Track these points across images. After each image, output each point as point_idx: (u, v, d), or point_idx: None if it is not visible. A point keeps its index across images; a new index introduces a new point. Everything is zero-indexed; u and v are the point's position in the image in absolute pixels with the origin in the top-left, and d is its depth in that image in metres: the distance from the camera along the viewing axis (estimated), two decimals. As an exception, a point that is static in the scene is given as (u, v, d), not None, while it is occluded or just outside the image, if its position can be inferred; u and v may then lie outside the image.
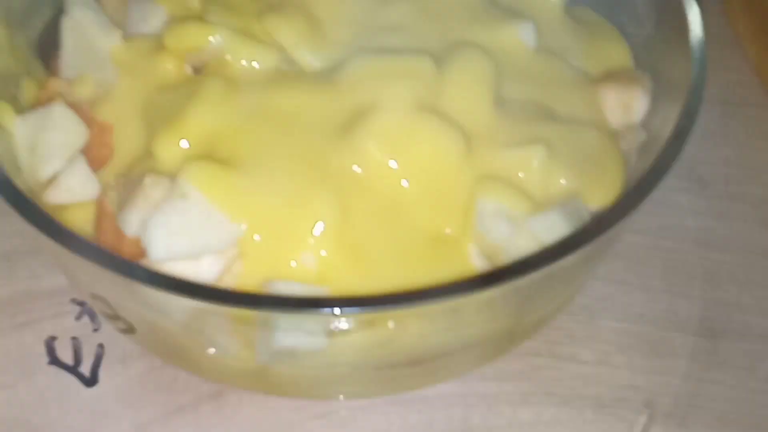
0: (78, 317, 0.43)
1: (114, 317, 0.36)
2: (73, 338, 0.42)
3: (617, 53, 0.43)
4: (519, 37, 0.40)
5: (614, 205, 0.32)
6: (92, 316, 0.43)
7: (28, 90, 0.39)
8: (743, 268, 0.46)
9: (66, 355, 0.42)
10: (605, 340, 0.43)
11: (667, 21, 0.40)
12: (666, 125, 0.35)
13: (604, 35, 0.43)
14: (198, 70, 0.38)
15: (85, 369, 0.41)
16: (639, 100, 0.39)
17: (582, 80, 0.40)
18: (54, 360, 0.42)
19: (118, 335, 0.40)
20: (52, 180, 0.36)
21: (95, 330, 0.43)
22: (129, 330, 0.36)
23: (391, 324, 0.31)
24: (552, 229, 0.33)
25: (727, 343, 0.43)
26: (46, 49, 0.42)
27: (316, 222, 0.33)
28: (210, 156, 0.34)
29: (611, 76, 0.41)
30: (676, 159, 0.33)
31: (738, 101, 0.54)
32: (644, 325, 0.44)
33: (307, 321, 0.29)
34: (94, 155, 0.37)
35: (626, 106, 0.39)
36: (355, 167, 0.34)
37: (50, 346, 0.42)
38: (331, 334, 0.31)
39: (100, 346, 0.42)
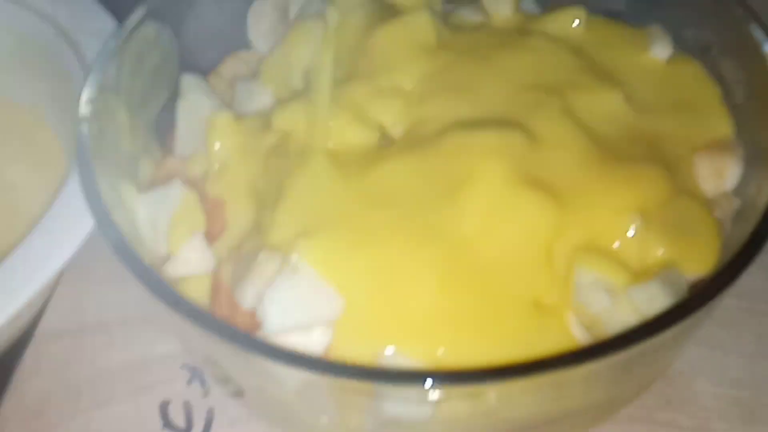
0: (189, 381, 0.45)
1: (225, 380, 0.38)
2: (185, 402, 0.44)
3: (716, 122, 0.43)
4: (610, 103, 0.41)
5: (715, 276, 0.33)
6: (202, 381, 0.45)
7: (145, 168, 0.42)
8: None
9: (179, 419, 0.44)
10: (703, 406, 0.43)
11: (756, 85, 0.40)
12: (761, 192, 0.36)
13: (705, 99, 0.44)
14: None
15: (197, 432, 0.43)
16: (731, 167, 0.40)
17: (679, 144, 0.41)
18: (167, 424, 0.44)
19: (226, 400, 0.42)
20: (171, 255, 0.38)
21: (205, 395, 0.45)
22: (238, 393, 0.38)
23: (494, 396, 0.32)
24: (652, 300, 0.34)
25: (829, 411, 0.43)
26: (163, 129, 0.45)
27: (419, 292, 0.35)
28: (320, 228, 0.36)
29: (704, 143, 0.41)
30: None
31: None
32: (742, 389, 0.44)
33: (413, 394, 0.30)
34: (209, 230, 0.40)
35: (719, 173, 0.40)
36: (455, 237, 0.36)
37: (164, 410, 0.44)
38: (436, 404, 0.32)
39: (210, 410, 0.44)
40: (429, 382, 0.29)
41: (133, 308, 0.47)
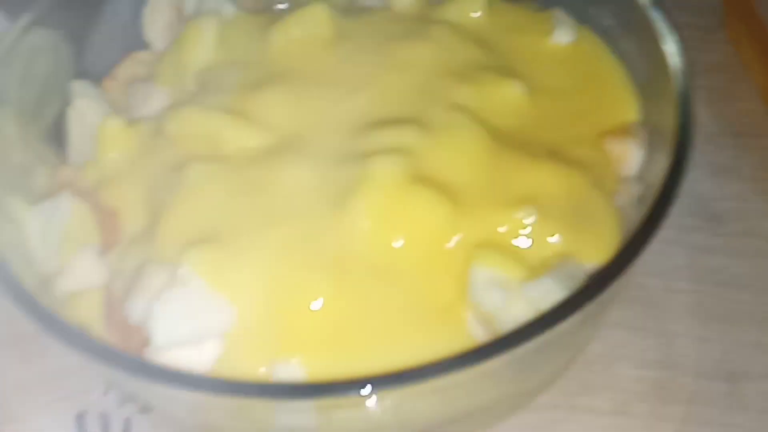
0: (105, 392, 0.44)
1: (131, 398, 0.37)
2: (102, 413, 0.44)
3: (621, 106, 0.42)
4: (510, 94, 0.40)
5: (606, 266, 0.32)
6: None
7: (40, 179, 0.41)
8: (762, 306, 0.45)
9: (95, 430, 0.43)
10: (623, 389, 0.43)
11: (654, 68, 0.40)
12: (659, 178, 0.35)
13: (610, 83, 0.43)
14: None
15: (113, 443, 0.43)
16: (633, 152, 0.39)
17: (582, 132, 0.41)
18: (84, 436, 0.43)
19: (141, 410, 0.41)
20: (62, 269, 0.37)
21: (121, 405, 0.44)
22: (145, 409, 0.37)
23: (392, 400, 0.31)
24: (547, 294, 0.33)
25: (748, 386, 0.43)
26: (59, 138, 0.43)
27: (313, 299, 0.34)
28: (209, 238, 0.35)
29: (608, 129, 0.41)
30: (666, 213, 0.33)
31: (749, 132, 0.53)
32: (662, 370, 0.43)
33: (304, 406, 0.30)
34: (104, 241, 0.39)
35: (619, 159, 0.39)
36: (348, 242, 0.35)
37: (81, 421, 0.44)
38: (330, 411, 0.31)
39: (127, 420, 0.43)
40: (322, 394, 0.29)
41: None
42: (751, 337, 0.44)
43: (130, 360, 0.29)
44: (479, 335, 0.34)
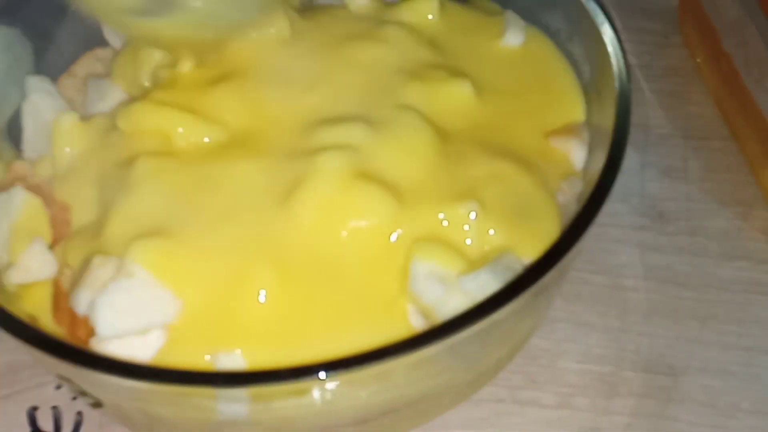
0: (58, 387, 0.45)
1: (82, 393, 0.37)
2: (54, 407, 0.44)
3: (567, 106, 0.43)
4: (458, 94, 0.41)
5: (537, 260, 0.33)
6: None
7: None
8: (704, 303, 0.47)
9: (47, 425, 0.43)
10: (567, 383, 0.44)
11: (598, 69, 0.41)
12: (597, 173, 0.36)
13: (558, 84, 0.44)
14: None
15: (65, 437, 0.43)
16: (575, 151, 0.40)
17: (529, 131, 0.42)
18: (36, 430, 0.43)
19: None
20: (11, 262, 0.38)
21: (74, 398, 0.44)
22: (97, 404, 0.38)
23: (327, 390, 0.32)
24: (484, 287, 0.34)
25: (687, 379, 0.44)
26: (16, 133, 0.44)
27: (256, 292, 0.35)
28: (157, 231, 0.36)
29: (553, 129, 0.42)
30: (598, 211, 0.34)
31: (700, 135, 0.54)
32: (606, 365, 0.45)
33: (242, 394, 0.30)
34: (56, 236, 0.39)
35: (564, 158, 0.40)
36: (293, 236, 0.36)
37: (32, 416, 0.44)
38: (268, 401, 0.32)
39: (79, 413, 0.44)
40: (262, 382, 0.30)
41: None
42: (693, 333, 0.45)
43: (69, 349, 0.30)
44: (420, 327, 0.35)
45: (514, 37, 0.45)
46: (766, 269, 0.47)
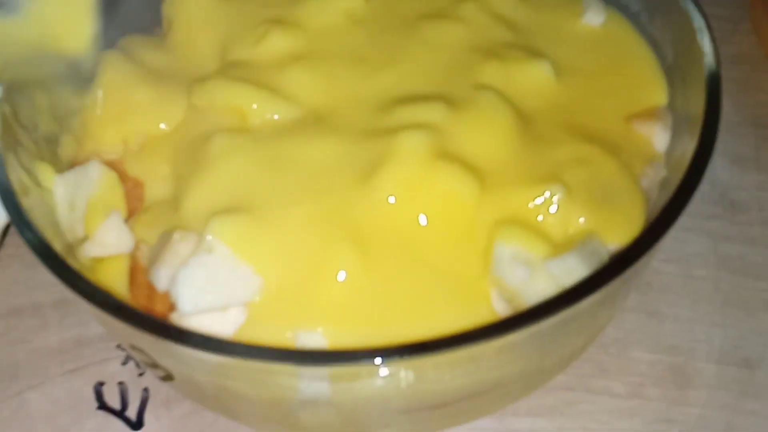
0: (124, 362, 0.45)
1: (153, 365, 0.37)
2: (120, 383, 0.44)
3: (650, 90, 0.42)
4: (538, 74, 0.41)
5: (630, 246, 0.32)
6: (137, 361, 0.44)
7: (67, 148, 0.41)
8: (778, 294, 0.46)
9: (113, 400, 0.44)
10: (638, 372, 0.43)
11: (683, 52, 0.40)
12: (684, 159, 0.36)
13: (639, 66, 0.43)
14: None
15: (132, 413, 0.43)
16: (659, 135, 0.39)
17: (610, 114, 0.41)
18: (102, 405, 0.44)
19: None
20: (89, 235, 0.37)
21: (140, 374, 0.44)
22: (168, 378, 0.38)
23: (412, 372, 0.32)
24: (571, 272, 0.33)
25: (762, 373, 0.43)
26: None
27: (338, 271, 0.34)
28: (236, 207, 0.35)
29: (635, 112, 0.41)
30: (690, 198, 0.33)
31: (770, 123, 0.53)
32: (677, 356, 0.44)
33: (328, 373, 0.30)
34: (130, 210, 0.39)
35: (646, 142, 0.39)
36: (374, 216, 0.35)
37: (98, 391, 0.44)
38: (348, 381, 0.32)
39: (146, 390, 0.44)
40: (345, 361, 0.29)
41: (66, 290, 0.46)
42: (766, 325, 0.44)
43: (156, 322, 0.30)
44: (503, 310, 0.34)
45: (594, 16, 0.44)
46: (842, 260, 0.46)
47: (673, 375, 0.43)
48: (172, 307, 0.34)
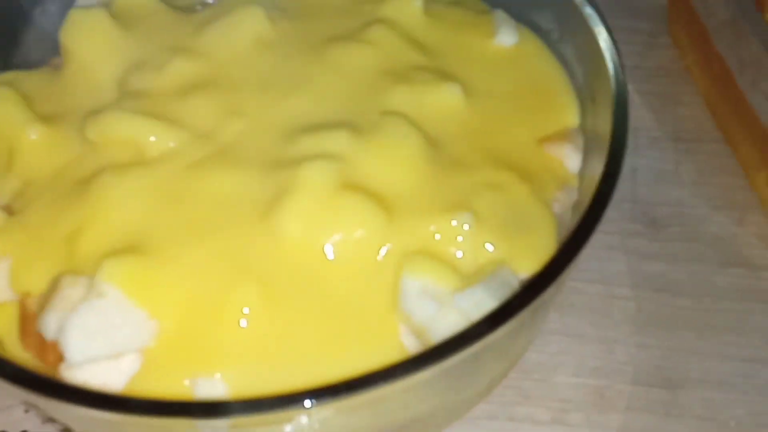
0: (27, 410, 0.42)
1: (51, 419, 0.35)
2: (23, 432, 0.42)
3: (562, 111, 0.41)
4: (447, 98, 0.40)
5: (537, 275, 0.31)
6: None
7: None
8: (700, 312, 0.45)
9: (16, 449, 0.41)
10: (561, 397, 0.42)
11: (592, 72, 0.39)
12: (594, 182, 0.35)
13: (552, 87, 0.42)
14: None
15: (35, 462, 0.41)
16: (570, 157, 0.39)
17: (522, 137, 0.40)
18: (3, 455, 0.41)
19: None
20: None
21: (44, 422, 0.42)
22: (67, 431, 0.36)
23: (313, 418, 0.30)
24: (479, 304, 0.32)
25: (686, 393, 0.42)
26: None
27: (239, 312, 0.33)
28: (130, 248, 0.34)
29: (547, 135, 0.40)
30: (599, 221, 0.32)
31: (691, 137, 0.53)
32: (600, 378, 0.43)
33: (222, 425, 0.28)
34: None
35: (558, 165, 0.38)
36: (277, 252, 0.34)
37: (1, 440, 0.42)
38: (253, 430, 0.30)
39: (50, 438, 0.42)
40: (238, 412, 0.28)
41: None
42: (689, 343, 0.44)
43: (32, 378, 0.28)
44: (412, 346, 0.33)
45: (507, 36, 0.43)
46: (764, 276, 0.46)
47: (596, 398, 0.42)
48: (62, 357, 0.32)
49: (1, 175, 0.38)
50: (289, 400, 0.28)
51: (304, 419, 0.30)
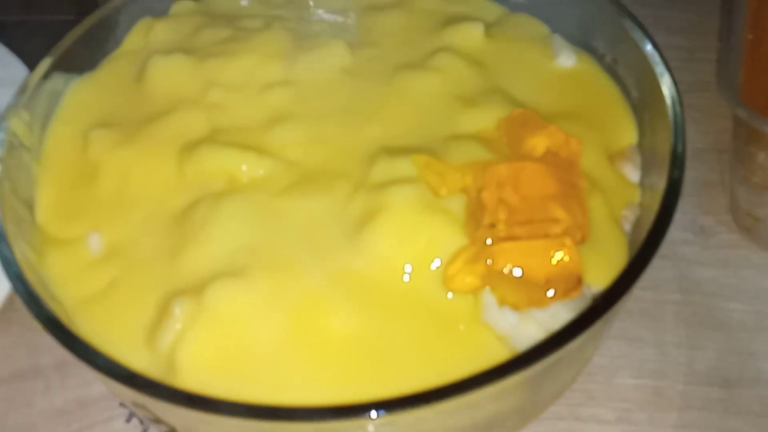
0: (128, 420, 0.46)
1: (156, 421, 0.38)
2: (125, 440, 0.45)
3: (621, 131, 0.44)
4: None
5: (610, 288, 0.34)
6: (141, 418, 0.45)
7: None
8: (752, 314, 0.48)
9: (118, 458, 0.45)
10: (624, 398, 0.45)
11: (647, 92, 0.42)
12: (656, 199, 0.38)
13: (610, 108, 0.45)
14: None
15: (137, 469, 0.44)
16: (630, 175, 0.41)
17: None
18: (107, 463, 0.45)
19: (165, 435, 0.43)
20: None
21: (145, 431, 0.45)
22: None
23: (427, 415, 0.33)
24: (555, 316, 0.35)
25: (741, 391, 0.45)
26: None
27: (336, 329, 0.36)
28: (230, 272, 0.37)
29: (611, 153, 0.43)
30: (664, 237, 0.35)
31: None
32: (660, 379, 0.46)
33: (341, 428, 0.32)
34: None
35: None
36: (366, 267, 0.37)
37: (104, 449, 0.45)
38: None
39: (150, 446, 0.45)
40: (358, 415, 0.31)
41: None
42: (743, 344, 0.47)
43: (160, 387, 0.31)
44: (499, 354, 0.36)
45: (566, 58, 0.46)
46: (810, 277, 0.49)
47: (658, 398, 0.45)
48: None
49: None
50: (414, 400, 0.31)
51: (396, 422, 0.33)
